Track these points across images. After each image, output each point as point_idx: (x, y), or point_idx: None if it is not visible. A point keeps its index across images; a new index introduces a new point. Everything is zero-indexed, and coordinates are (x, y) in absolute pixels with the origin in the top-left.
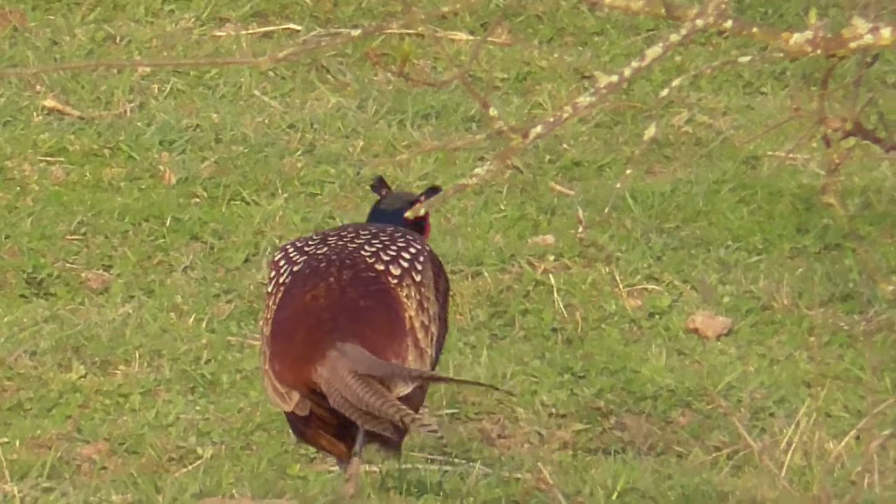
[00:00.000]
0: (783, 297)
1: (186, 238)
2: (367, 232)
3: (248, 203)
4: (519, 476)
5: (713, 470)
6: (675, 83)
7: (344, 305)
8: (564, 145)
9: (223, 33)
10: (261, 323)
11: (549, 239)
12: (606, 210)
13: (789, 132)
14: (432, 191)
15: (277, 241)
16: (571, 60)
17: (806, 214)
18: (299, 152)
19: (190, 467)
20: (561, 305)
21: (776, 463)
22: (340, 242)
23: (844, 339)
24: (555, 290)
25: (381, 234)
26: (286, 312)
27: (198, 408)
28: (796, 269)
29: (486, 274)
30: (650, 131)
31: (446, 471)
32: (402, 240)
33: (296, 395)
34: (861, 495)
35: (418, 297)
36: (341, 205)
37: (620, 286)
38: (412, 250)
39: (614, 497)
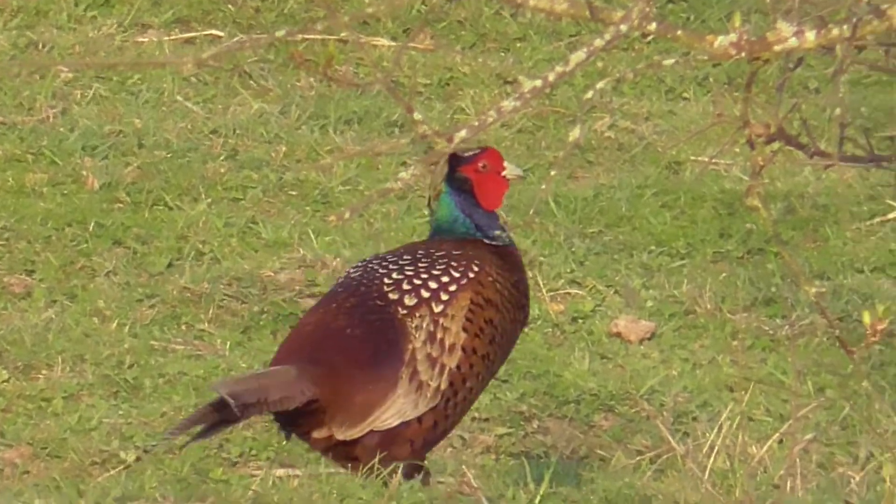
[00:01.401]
0: (706, 302)
1: (109, 243)
2: (409, 257)
3: (171, 208)
4: (442, 480)
5: (636, 474)
6: (600, 85)
7: (327, 333)
8: None
9: (146, 39)
10: None
11: None
12: (530, 213)
13: (712, 137)
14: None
15: (200, 245)
16: (494, 66)
17: (729, 219)
18: (222, 157)
19: (113, 472)
20: None
21: (699, 466)
22: (373, 266)
23: (767, 344)
24: None
25: (422, 260)
26: (289, 335)
27: (120, 412)
28: (719, 273)
29: None
30: (575, 133)
31: (368, 475)
32: (442, 265)
33: None
34: (784, 499)
35: (432, 328)
36: (264, 209)
37: (543, 291)
38: (445, 279)
39: (537, 501)
